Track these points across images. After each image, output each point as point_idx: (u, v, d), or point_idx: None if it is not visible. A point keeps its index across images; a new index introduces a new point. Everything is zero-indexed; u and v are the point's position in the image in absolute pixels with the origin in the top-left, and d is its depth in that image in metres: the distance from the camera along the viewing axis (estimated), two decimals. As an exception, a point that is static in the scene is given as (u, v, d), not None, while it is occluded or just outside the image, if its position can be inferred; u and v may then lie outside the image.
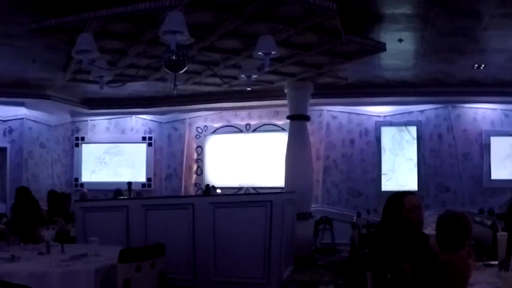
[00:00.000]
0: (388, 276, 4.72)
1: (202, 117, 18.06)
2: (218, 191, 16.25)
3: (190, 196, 15.96)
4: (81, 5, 8.42)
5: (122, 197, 14.33)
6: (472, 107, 16.06)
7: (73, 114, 18.01)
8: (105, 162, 18.37)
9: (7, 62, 12.41)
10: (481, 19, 9.34)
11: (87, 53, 7.69)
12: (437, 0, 8.53)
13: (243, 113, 17.59)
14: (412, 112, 16.37)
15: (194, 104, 16.87)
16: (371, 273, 4.94)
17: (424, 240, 4.93)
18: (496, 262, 5.33)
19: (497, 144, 15.76)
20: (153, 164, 18.26)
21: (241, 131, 17.51)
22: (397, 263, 4.56)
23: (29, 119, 16.50)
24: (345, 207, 16.39)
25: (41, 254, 6.74)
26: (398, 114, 16.43)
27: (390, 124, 16.46)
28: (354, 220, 12.66)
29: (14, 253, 6.43)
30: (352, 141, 16.73)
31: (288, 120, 14.17)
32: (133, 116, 18.41)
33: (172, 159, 18.24)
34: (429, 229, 5.42)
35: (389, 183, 16.17)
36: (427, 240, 4.92)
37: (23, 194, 10.96)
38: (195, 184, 17.97)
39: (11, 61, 12.31)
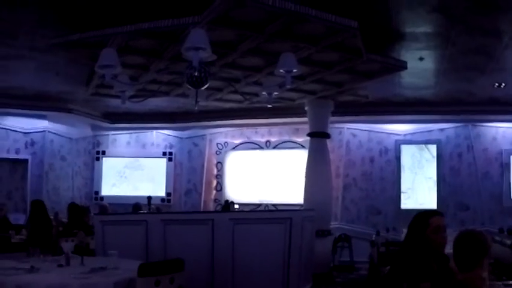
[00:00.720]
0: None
1: (222, 133, 18.11)
2: (236, 206, 16.25)
3: (210, 212, 15.99)
4: (105, 20, 8.51)
5: (141, 212, 14.36)
6: (492, 126, 16.00)
7: (94, 128, 18.11)
8: (125, 177, 18.45)
9: (31, 75, 12.53)
10: (501, 38, 9.34)
11: (110, 68, 7.74)
12: (458, 19, 8.55)
13: (264, 129, 17.63)
14: (432, 131, 16.34)
15: (215, 120, 16.91)
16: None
17: (445, 261, 4.92)
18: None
19: (517, 164, 15.70)
20: (173, 179, 18.31)
21: (261, 148, 17.54)
22: (417, 282, 4.56)
23: (51, 132, 16.63)
24: (364, 225, 16.35)
25: (60, 265, 6.76)
26: (418, 132, 16.40)
27: (410, 142, 16.44)
28: (373, 238, 12.65)
29: (33, 264, 6.44)
30: (371, 160, 16.71)
31: (308, 138, 14.18)
32: (154, 131, 18.49)
33: (192, 175, 18.29)
34: (448, 248, 5.42)
35: (408, 202, 16.13)
36: (448, 262, 4.92)
37: (38, 208, 11.12)
38: (215, 200, 18.00)
39: (34, 74, 12.44)
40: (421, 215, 5.12)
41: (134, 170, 18.41)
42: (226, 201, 16.74)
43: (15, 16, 8.78)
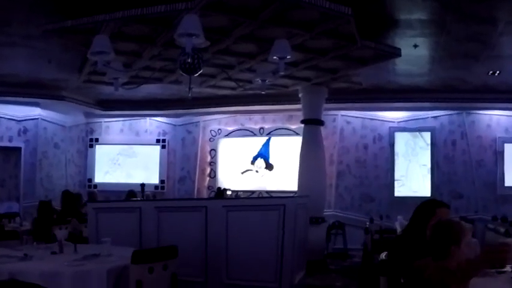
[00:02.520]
0: (402, 281, 4.72)
1: (216, 120, 18.10)
2: (228, 192, 16.25)
3: (204, 199, 16.01)
4: (98, 6, 8.46)
5: (135, 199, 14.35)
6: (486, 114, 16.02)
7: (87, 115, 18.09)
8: (119, 164, 18.44)
9: (23, 62, 12.48)
10: (496, 25, 9.32)
11: (102, 55, 7.70)
12: (453, 6, 8.52)
13: (257, 116, 17.62)
14: (426, 118, 16.35)
15: (208, 107, 16.89)
16: (385, 278, 4.94)
17: None
18: (509, 269, 5.31)
19: (511, 151, 15.69)
20: (167, 166, 18.31)
21: (255, 135, 17.53)
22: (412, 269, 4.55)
23: (44, 120, 16.57)
24: (358, 212, 16.37)
25: (53, 253, 6.76)
26: (412, 120, 16.41)
27: (404, 130, 16.44)
28: (367, 225, 12.66)
29: (27, 252, 6.44)
30: (365, 147, 16.71)
31: (302, 125, 14.16)
32: (148, 118, 18.47)
33: (186, 162, 18.28)
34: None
35: (402, 189, 16.16)
36: None
37: (46, 208, 11.22)
38: (208, 187, 18.00)
39: (27, 61, 12.39)
40: (429, 203, 5.17)
41: (128, 158, 18.39)
42: (219, 188, 16.75)
43: (8, 3, 8.73)
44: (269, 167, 17.28)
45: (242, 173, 17.54)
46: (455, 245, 4.21)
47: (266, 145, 17.38)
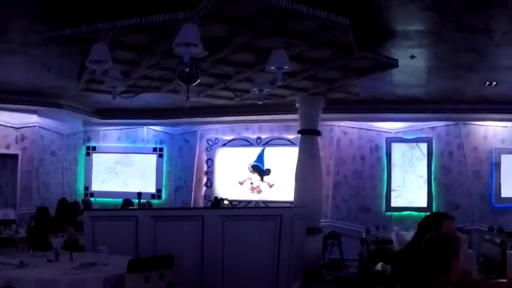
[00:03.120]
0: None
1: (213, 129, 18.14)
2: (225, 202, 16.26)
3: (200, 208, 15.99)
4: (97, 15, 8.48)
5: (131, 207, 14.35)
6: (482, 125, 16.02)
7: (85, 123, 18.09)
8: (116, 172, 18.44)
9: (22, 70, 12.50)
10: (493, 36, 9.36)
11: (101, 63, 7.72)
12: (450, 17, 8.56)
13: (254, 126, 17.64)
14: (423, 129, 16.38)
15: (206, 117, 16.91)
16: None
17: None
18: (505, 280, 5.32)
19: (508, 162, 15.71)
20: (163, 175, 18.31)
21: (252, 145, 17.55)
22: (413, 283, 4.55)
23: (41, 127, 16.56)
24: (354, 222, 16.37)
25: (49, 261, 6.75)
26: (409, 130, 16.44)
27: (401, 140, 16.46)
28: (363, 236, 12.67)
29: (23, 259, 6.44)
30: (362, 157, 16.73)
31: (299, 135, 14.18)
32: (145, 127, 18.48)
33: (183, 171, 18.30)
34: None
35: (399, 200, 16.18)
36: None
37: (44, 215, 11.19)
38: (205, 196, 18.01)
39: (26, 69, 12.41)
40: (435, 215, 5.21)
41: (125, 166, 18.41)
42: (216, 198, 16.76)
43: (7, 10, 8.74)
44: (264, 175, 17.30)
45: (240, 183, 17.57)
46: (454, 257, 4.19)
47: (261, 156, 17.41)
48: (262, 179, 17.38)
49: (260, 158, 17.42)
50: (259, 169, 17.39)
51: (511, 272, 5.51)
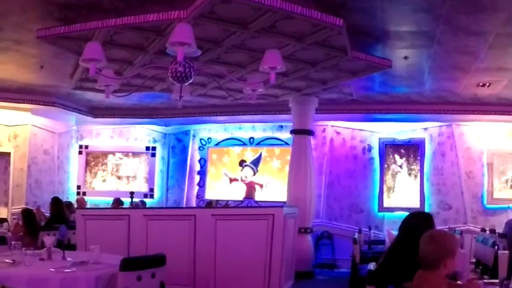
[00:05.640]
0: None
1: (206, 129, 18.12)
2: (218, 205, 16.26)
3: (193, 207, 15.99)
4: (91, 14, 8.48)
5: (123, 206, 14.35)
6: (475, 126, 16.03)
7: (78, 122, 18.00)
8: (108, 171, 18.40)
9: (15, 68, 12.44)
10: (486, 38, 9.37)
11: (94, 62, 7.71)
12: (444, 18, 8.57)
13: (247, 126, 17.63)
14: (416, 129, 16.38)
15: (199, 116, 16.87)
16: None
17: None
18: (497, 280, 5.33)
19: (500, 163, 15.74)
20: (156, 175, 18.30)
21: (244, 144, 17.55)
22: (401, 281, 4.54)
23: (34, 126, 16.51)
24: (347, 222, 16.37)
25: (42, 259, 6.75)
26: (402, 131, 16.44)
27: (394, 141, 16.47)
28: (355, 236, 12.68)
29: (15, 258, 6.43)
30: (355, 157, 16.74)
31: (292, 135, 14.20)
32: (138, 125, 18.42)
33: (175, 170, 18.31)
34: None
35: (391, 200, 16.18)
36: None
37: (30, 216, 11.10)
38: (197, 196, 18.00)
39: (19, 67, 12.35)
40: (426, 214, 5.18)
41: (117, 165, 18.37)
42: (210, 201, 16.68)
43: (0, 8, 8.72)
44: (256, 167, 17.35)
45: (230, 182, 17.58)
46: (450, 257, 4.21)
47: (258, 158, 17.42)
48: (254, 174, 17.37)
49: (257, 160, 17.41)
50: (251, 165, 17.39)
51: (503, 273, 5.54)
